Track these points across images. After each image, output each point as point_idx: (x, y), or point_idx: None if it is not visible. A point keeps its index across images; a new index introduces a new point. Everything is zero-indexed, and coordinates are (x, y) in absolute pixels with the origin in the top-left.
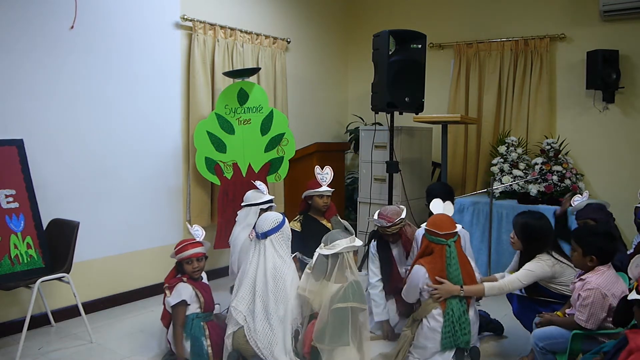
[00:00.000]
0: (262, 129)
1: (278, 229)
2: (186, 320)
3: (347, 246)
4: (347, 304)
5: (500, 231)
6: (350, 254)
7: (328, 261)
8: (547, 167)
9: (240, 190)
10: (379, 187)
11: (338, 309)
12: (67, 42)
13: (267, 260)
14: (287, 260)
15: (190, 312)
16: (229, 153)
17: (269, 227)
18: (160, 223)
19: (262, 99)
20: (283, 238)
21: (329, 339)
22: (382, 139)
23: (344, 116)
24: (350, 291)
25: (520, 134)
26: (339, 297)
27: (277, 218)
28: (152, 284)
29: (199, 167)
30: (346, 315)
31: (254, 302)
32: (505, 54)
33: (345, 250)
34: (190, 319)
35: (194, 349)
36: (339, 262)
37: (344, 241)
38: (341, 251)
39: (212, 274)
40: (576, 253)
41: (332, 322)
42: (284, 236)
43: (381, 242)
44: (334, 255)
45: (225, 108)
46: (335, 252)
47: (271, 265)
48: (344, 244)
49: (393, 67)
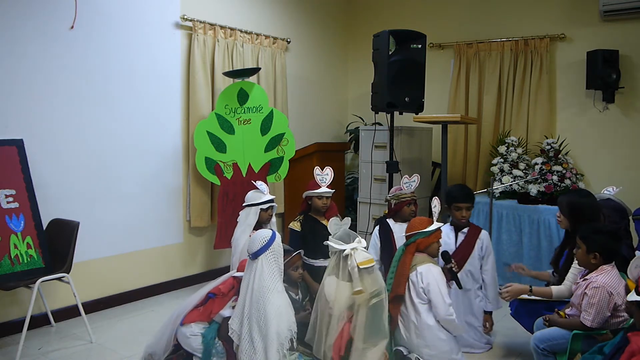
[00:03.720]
0: (262, 129)
1: (267, 247)
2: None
3: (354, 247)
4: (376, 299)
5: (501, 231)
6: (359, 252)
7: (341, 257)
8: (547, 167)
9: (241, 190)
10: (379, 187)
11: (371, 307)
12: (67, 42)
13: (256, 280)
14: (274, 281)
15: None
16: (229, 153)
17: (258, 246)
18: (160, 223)
19: (262, 99)
20: (274, 256)
21: (363, 338)
22: (382, 139)
23: (344, 116)
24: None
25: (520, 134)
26: (370, 296)
27: (266, 236)
28: (152, 284)
29: (199, 167)
30: (378, 310)
31: (242, 323)
32: (505, 54)
33: (351, 250)
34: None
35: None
36: (350, 263)
37: (352, 243)
38: (344, 249)
39: (213, 274)
40: (580, 250)
41: (367, 320)
42: (275, 254)
43: (383, 228)
44: (342, 253)
45: (225, 108)
46: (342, 249)
47: (257, 287)
48: (352, 244)
49: (393, 67)
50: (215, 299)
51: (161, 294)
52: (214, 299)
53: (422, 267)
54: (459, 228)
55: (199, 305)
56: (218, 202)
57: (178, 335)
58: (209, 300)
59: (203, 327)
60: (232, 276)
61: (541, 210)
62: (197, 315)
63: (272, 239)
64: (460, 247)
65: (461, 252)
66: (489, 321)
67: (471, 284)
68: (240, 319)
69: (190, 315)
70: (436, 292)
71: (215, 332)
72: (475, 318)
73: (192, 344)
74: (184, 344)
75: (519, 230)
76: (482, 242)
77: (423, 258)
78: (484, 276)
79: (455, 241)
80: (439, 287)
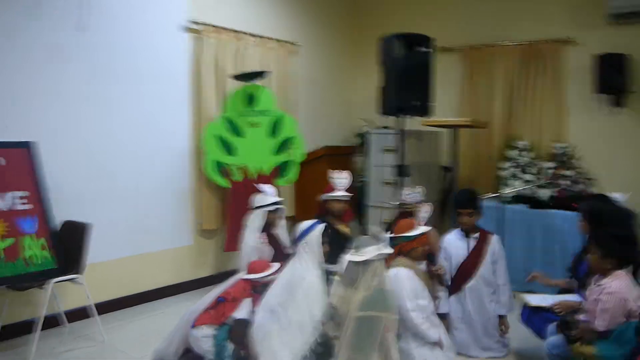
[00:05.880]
0: (271, 132)
1: (303, 236)
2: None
3: (378, 254)
4: (368, 312)
5: (512, 237)
6: (381, 261)
7: (359, 268)
8: (559, 171)
9: (250, 194)
10: (389, 191)
11: (360, 318)
12: (75, 44)
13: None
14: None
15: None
16: (238, 156)
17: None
18: (170, 225)
19: (270, 102)
20: (308, 247)
21: (351, 349)
22: (391, 143)
23: (352, 119)
24: (374, 299)
25: (531, 139)
26: (361, 305)
27: (307, 225)
28: (163, 285)
29: (207, 170)
30: (367, 324)
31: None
32: (514, 58)
33: (376, 258)
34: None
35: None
36: (372, 269)
37: (374, 248)
38: (374, 258)
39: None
40: (595, 255)
41: (354, 331)
42: (309, 244)
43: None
44: (364, 263)
45: (234, 111)
46: (366, 259)
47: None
48: (374, 251)
49: (400, 70)
50: (226, 302)
51: (171, 295)
52: (224, 302)
53: (392, 270)
54: (469, 233)
55: (209, 308)
56: (228, 205)
57: (189, 337)
58: (219, 304)
59: (214, 329)
60: (242, 279)
61: (553, 215)
62: (208, 318)
63: (308, 229)
64: (472, 253)
65: (473, 258)
66: (504, 324)
67: (484, 289)
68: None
69: (201, 318)
70: (398, 297)
71: (227, 334)
72: (491, 323)
73: (203, 346)
74: (195, 346)
75: (531, 235)
76: (493, 246)
77: (403, 261)
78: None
79: (467, 247)
80: (403, 291)
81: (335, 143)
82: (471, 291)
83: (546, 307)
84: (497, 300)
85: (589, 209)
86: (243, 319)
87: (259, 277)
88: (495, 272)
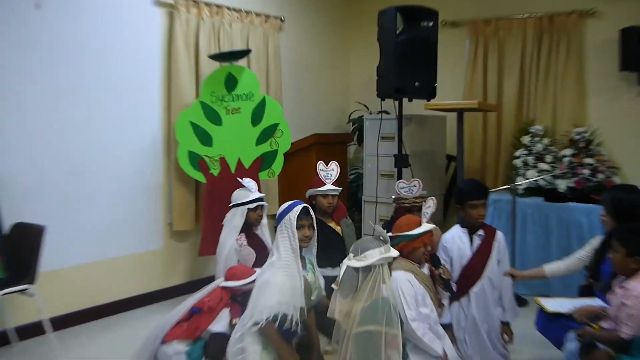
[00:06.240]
0: (253, 119)
1: (282, 217)
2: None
3: (381, 257)
4: (367, 327)
5: (525, 233)
6: (386, 266)
7: (358, 275)
8: (578, 159)
9: (229, 189)
10: (386, 184)
11: (358, 335)
12: (32, 24)
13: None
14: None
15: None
16: (215, 146)
17: (278, 213)
18: (137, 227)
19: (253, 85)
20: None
21: None
22: (389, 130)
23: (346, 104)
24: (373, 311)
25: (546, 123)
26: (360, 318)
27: (284, 206)
28: (129, 296)
29: (181, 163)
30: (366, 341)
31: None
32: (528, 32)
33: (379, 262)
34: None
35: None
36: (373, 277)
37: (377, 251)
38: (374, 263)
39: (197, 284)
40: (618, 254)
41: (353, 351)
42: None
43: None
44: (365, 268)
45: (211, 95)
46: (367, 264)
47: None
48: (378, 254)
49: (401, 48)
50: (201, 314)
51: (139, 307)
52: (199, 314)
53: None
54: (473, 230)
55: (182, 321)
56: (203, 203)
57: (159, 355)
58: (193, 316)
59: (187, 344)
60: (220, 286)
61: (571, 208)
62: (180, 333)
63: (287, 208)
64: (477, 252)
65: (479, 258)
66: (506, 332)
67: (491, 293)
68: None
69: (172, 333)
70: (397, 305)
71: (202, 350)
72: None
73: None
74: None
75: (546, 231)
76: (498, 244)
77: (402, 263)
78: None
79: (471, 245)
80: (403, 296)
81: (326, 131)
82: (477, 296)
83: (565, 313)
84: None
85: (612, 201)
86: (220, 332)
87: (239, 284)
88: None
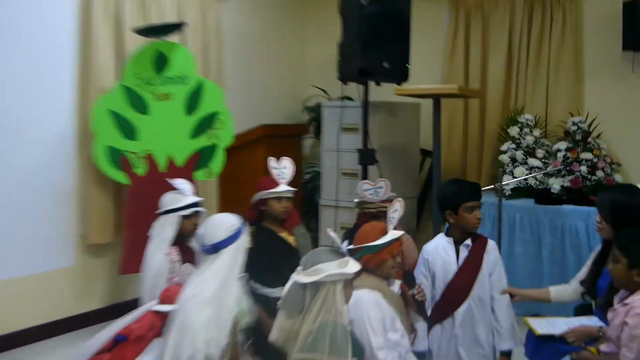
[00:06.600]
0: (187, 107)
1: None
2: None
3: (334, 273)
4: (305, 355)
5: (513, 241)
6: (340, 284)
7: (305, 292)
8: (574, 154)
9: (158, 192)
10: (349, 185)
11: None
12: None
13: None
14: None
15: None
16: (141, 140)
17: (223, 234)
18: (43, 240)
19: (187, 65)
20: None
21: None
22: (352, 119)
23: (300, 89)
24: (317, 337)
25: (538, 111)
26: (303, 344)
27: (233, 223)
28: (33, 325)
29: (98, 161)
30: None
31: None
32: (517, 4)
33: (332, 278)
34: None
35: None
36: (323, 295)
37: (331, 265)
38: (325, 279)
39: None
40: (619, 265)
41: None
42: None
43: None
44: (314, 285)
45: (136, 78)
46: (317, 280)
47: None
48: (332, 269)
49: (368, 21)
50: (127, 343)
51: (45, 339)
52: (125, 342)
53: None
54: (460, 240)
55: (103, 351)
56: (125, 209)
57: None
58: (118, 345)
59: None
60: (152, 311)
61: (566, 212)
62: None
63: (241, 228)
64: (464, 266)
65: (467, 273)
66: None
67: (480, 314)
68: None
69: None
70: (361, 331)
71: None
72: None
73: None
74: None
75: (537, 239)
76: (489, 255)
77: (367, 281)
78: (493, 303)
79: (457, 259)
80: (368, 321)
81: (277, 121)
82: (463, 318)
83: (557, 335)
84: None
85: (611, 203)
86: None
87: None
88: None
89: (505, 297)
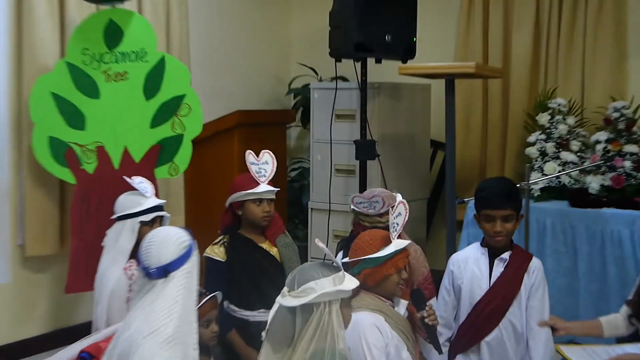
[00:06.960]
0: (146, 90)
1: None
2: None
3: (329, 291)
4: None
5: (543, 251)
6: (336, 304)
7: (295, 318)
8: (616, 146)
9: (111, 193)
10: (344, 184)
11: None
12: None
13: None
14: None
15: None
16: (90, 130)
17: (172, 255)
18: None
19: (146, 38)
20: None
21: None
22: (347, 104)
23: (284, 67)
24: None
25: (572, 95)
26: None
27: (183, 238)
28: None
29: (38, 155)
30: None
31: None
32: None
33: (327, 298)
34: None
35: None
36: (317, 319)
37: (325, 282)
38: (318, 300)
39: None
40: None
41: None
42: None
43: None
44: (304, 308)
45: (84, 55)
46: (308, 301)
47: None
48: (326, 286)
49: None
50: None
51: None
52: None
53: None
54: (496, 252)
55: None
56: (72, 214)
57: None
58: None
59: None
60: None
61: (606, 216)
62: None
63: (192, 245)
64: (498, 284)
65: (500, 294)
66: None
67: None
68: None
69: None
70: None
71: None
72: None
73: None
74: None
75: (572, 249)
76: (532, 276)
77: (367, 301)
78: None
79: (490, 274)
80: (367, 349)
81: (256, 106)
82: (491, 348)
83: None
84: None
85: None
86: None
87: None
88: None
89: (545, 329)
